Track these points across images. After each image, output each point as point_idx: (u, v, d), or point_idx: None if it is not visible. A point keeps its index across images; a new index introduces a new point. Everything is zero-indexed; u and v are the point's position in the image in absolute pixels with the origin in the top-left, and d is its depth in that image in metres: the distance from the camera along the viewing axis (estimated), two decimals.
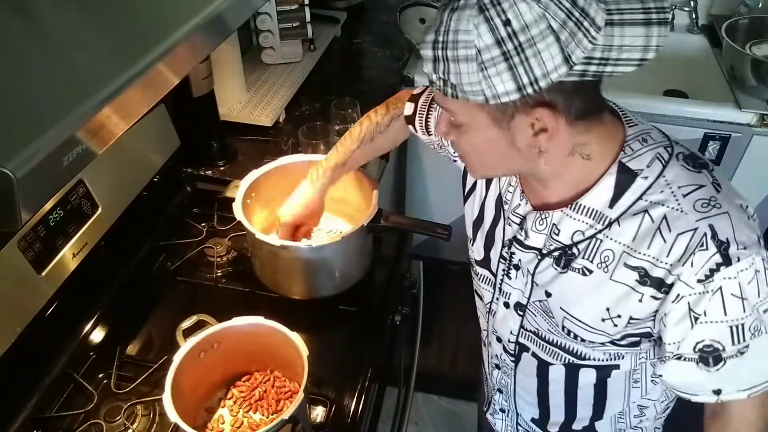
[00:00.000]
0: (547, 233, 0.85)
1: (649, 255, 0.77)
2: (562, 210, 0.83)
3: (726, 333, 0.75)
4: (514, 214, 0.90)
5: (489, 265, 0.99)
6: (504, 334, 1.01)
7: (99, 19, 0.71)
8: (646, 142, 0.80)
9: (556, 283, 0.86)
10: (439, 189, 2.23)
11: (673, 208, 0.76)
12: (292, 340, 0.94)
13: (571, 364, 0.94)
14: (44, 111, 0.54)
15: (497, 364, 1.09)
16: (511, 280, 0.94)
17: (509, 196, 0.92)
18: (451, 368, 2.23)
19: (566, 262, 0.84)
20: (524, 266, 0.90)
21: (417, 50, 1.97)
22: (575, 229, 0.82)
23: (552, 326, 0.91)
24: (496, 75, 0.66)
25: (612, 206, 0.79)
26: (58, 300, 1.05)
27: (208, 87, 1.41)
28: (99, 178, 1.14)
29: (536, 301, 0.91)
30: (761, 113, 1.73)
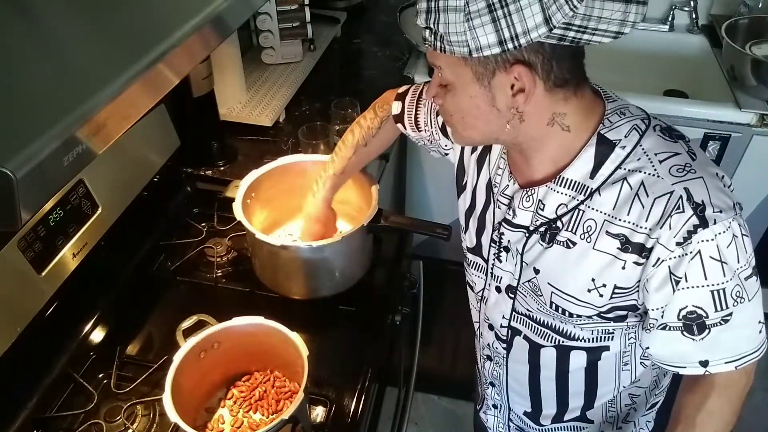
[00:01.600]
0: (534, 210, 0.87)
1: (629, 221, 0.79)
2: (547, 185, 0.84)
3: (708, 298, 0.77)
4: (503, 195, 0.92)
5: (481, 251, 1.00)
6: (496, 319, 1.01)
7: (99, 19, 0.71)
8: (624, 114, 0.83)
9: (543, 258, 0.88)
10: (439, 189, 2.23)
11: (649, 174, 0.78)
12: (292, 340, 0.94)
13: (561, 346, 0.95)
14: (44, 111, 0.54)
15: (489, 355, 1.09)
16: (502, 263, 0.95)
17: (498, 178, 0.93)
18: (451, 368, 2.23)
19: (551, 236, 0.86)
20: (513, 246, 0.92)
21: (417, 50, 1.98)
22: (559, 203, 0.84)
23: (541, 305, 0.92)
24: (480, 26, 0.70)
25: (593, 177, 0.81)
26: (58, 300, 1.05)
27: (208, 87, 1.41)
28: (99, 178, 1.14)
29: (526, 281, 0.92)
30: (761, 113, 1.73)
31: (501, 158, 0.93)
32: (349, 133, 1.18)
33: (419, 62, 1.98)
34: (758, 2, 2.01)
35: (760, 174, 1.81)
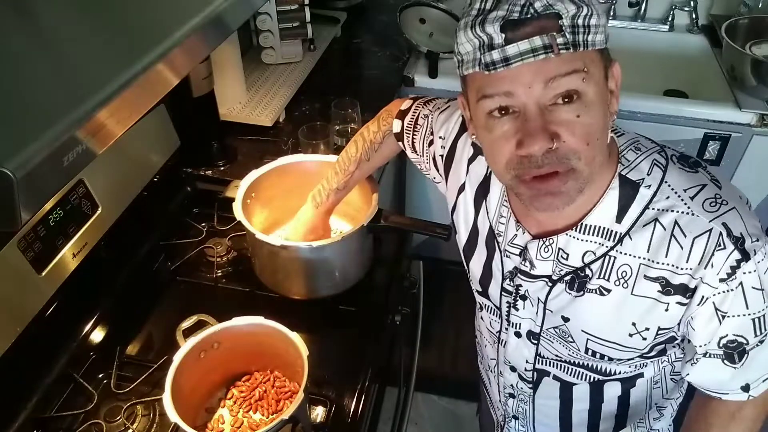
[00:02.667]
0: (554, 259, 0.82)
1: (668, 263, 0.76)
2: (567, 233, 0.80)
3: (749, 326, 0.76)
4: (513, 246, 0.87)
5: (490, 298, 0.96)
6: (519, 363, 0.98)
7: (99, 19, 0.71)
8: (640, 150, 0.79)
9: (573, 307, 0.84)
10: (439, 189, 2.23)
11: (683, 212, 0.75)
12: (292, 340, 0.94)
13: (595, 382, 0.93)
14: (44, 111, 0.54)
15: (512, 394, 1.04)
16: (519, 311, 0.91)
17: (501, 228, 0.88)
18: (451, 368, 2.23)
19: (580, 284, 0.82)
20: (533, 295, 0.87)
21: (417, 50, 1.97)
22: (585, 250, 0.80)
23: (572, 351, 0.88)
24: (604, 14, 0.67)
25: (620, 221, 0.77)
26: (58, 300, 1.05)
27: (208, 87, 1.41)
28: (99, 178, 1.14)
29: (551, 327, 0.88)
30: (761, 113, 1.73)
31: (503, 206, 0.88)
32: (352, 145, 1.15)
33: (419, 62, 1.98)
34: (758, 2, 2.01)
35: (760, 174, 1.81)
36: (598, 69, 0.69)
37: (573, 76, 0.66)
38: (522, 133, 0.68)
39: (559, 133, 0.67)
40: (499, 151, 0.72)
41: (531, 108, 0.68)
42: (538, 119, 0.67)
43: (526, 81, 0.66)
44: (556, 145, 0.68)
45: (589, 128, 0.68)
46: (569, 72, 0.66)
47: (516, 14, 0.65)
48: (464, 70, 0.72)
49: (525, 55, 0.65)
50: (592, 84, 0.68)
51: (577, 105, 0.67)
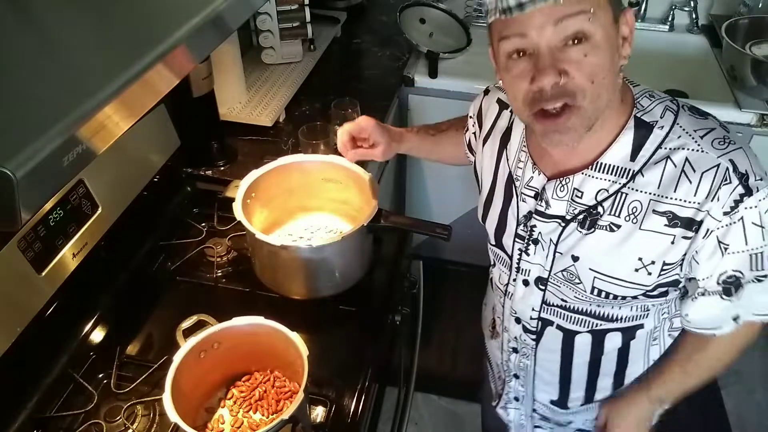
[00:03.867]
0: (569, 198, 0.87)
1: (677, 197, 0.80)
2: (583, 172, 0.85)
3: (746, 261, 0.81)
4: (528, 188, 0.92)
5: (503, 247, 1.00)
6: (524, 312, 1.01)
7: (99, 19, 0.71)
8: (653, 97, 0.85)
9: (582, 245, 0.88)
10: (439, 189, 2.23)
11: (693, 150, 0.80)
12: (292, 340, 0.94)
13: (597, 330, 0.96)
14: (44, 111, 0.54)
15: (515, 348, 1.08)
16: (530, 256, 0.95)
17: (519, 172, 0.94)
18: (451, 368, 2.23)
19: (591, 222, 0.86)
20: (545, 238, 0.92)
21: (417, 50, 1.98)
22: (599, 188, 0.84)
23: (578, 293, 0.92)
24: None
25: (633, 159, 0.82)
26: (58, 300, 1.05)
27: (208, 87, 1.41)
28: (99, 178, 1.14)
29: (560, 271, 0.92)
30: (761, 113, 1.73)
31: (521, 151, 0.94)
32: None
33: (419, 62, 1.98)
34: (758, 2, 2.01)
35: None
36: (606, 13, 0.74)
37: (580, 16, 0.73)
38: (534, 70, 0.76)
39: (567, 70, 0.75)
40: (516, 87, 0.80)
41: (542, 48, 0.75)
42: (549, 58, 0.75)
43: (538, 23, 0.74)
44: (564, 80, 0.75)
45: (595, 67, 0.75)
46: (576, 12, 0.73)
47: None
48: (488, 18, 0.80)
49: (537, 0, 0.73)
50: (598, 26, 0.74)
51: (584, 45, 0.74)
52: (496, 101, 1.04)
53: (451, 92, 1.93)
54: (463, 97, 1.93)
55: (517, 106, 0.83)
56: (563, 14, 0.73)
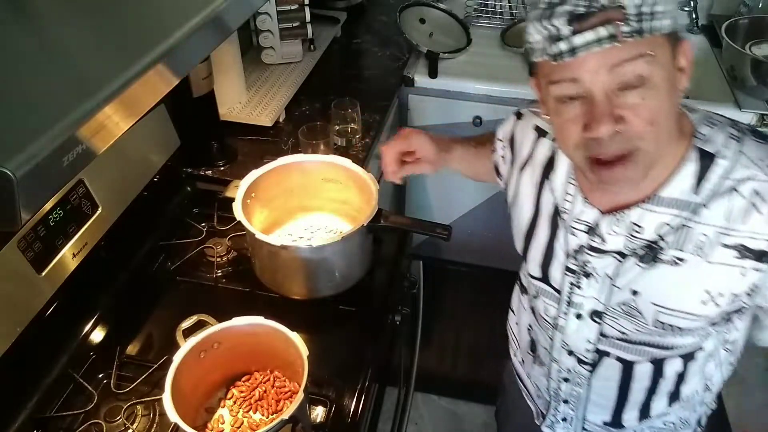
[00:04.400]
0: (627, 233, 0.83)
1: (747, 230, 0.77)
2: (641, 206, 0.81)
3: None
4: (579, 222, 0.88)
5: (550, 281, 0.96)
6: (578, 346, 0.96)
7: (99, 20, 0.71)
8: (714, 124, 0.81)
9: (643, 279, 0.84)
10: (439, 189, 2.23)
11: (762, 181, 0.77)
12: (292, 340, 0.94)
13: (657, 359, 0.93)
14: (44, 111, 0.54)
15: (566, 378, 1.03)
16: (583, 290, 0.91)
17: (568, 205, 0.89)
18: (451, 368, 2.23)
19: (653, 257, 0.83)
20: (600, 272, 0.88)
21: (417, 50, 1.98)
22: (660, 222, 0.81)
23: (639, 325, 0.88)
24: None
25: (697, 191, 0.79)
26: (58, 300, 1.05)
27: (208, 87, 1.41)
28: (99, 178, 1.14)
29: (618, 304, 0.88)
30: (761, 113, 1.73)
31: (569, 184, 0.90)
32: None
33: (419, 62, 1.98)
34: (758, 2, 2.01)
35: None
36: (665, 51, 0.70)
37: (638, 60, 0.68)
38: (588, 117, 0.72)
39: (624, 117, 0.70)
40: (567, 133, 0.76)
41: (597, 93, 0.71)
42: (604, 103, 0.70)
43: (592, 68, 0.69)
44: (621, 127, 0.71)
45: (655, 110, 0.71)
46: (634, 57, 0.68)
47: (582, 8, 0.68)
48: (534, 57, 0.76)
49: (590, 44, 0.68)
50: (657, 67, 0.69)
51: (642, 89, 0.70)
52: (533, 128, 0.98)
53: (451, 92, 1.93)
54: (463, 97, 1.93)
55: (567, 151, 0.80)
56: (620, 59, 0.68)
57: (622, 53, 0.68)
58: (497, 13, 2.16)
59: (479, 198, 2.20)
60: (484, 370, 2.22)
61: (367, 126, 1.64)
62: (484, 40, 2.08)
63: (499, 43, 2.07)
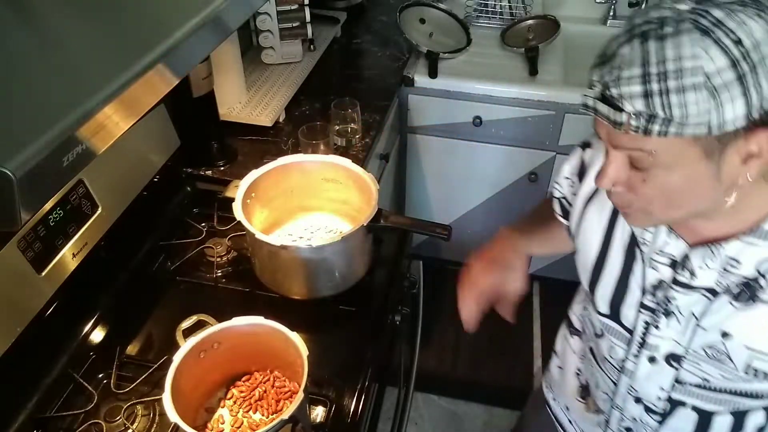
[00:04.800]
0: (720, 268, 0.77)
1: None
2: (740, 239, 0.75)
3: None
4: (662, 254, 0.81)
5: (621, 319, 0.89)
6: (649, 393, 0.89)
7: (99, 19, 0.71)
8: None
9: (737, 320, 0.77)
10: (439, 189, 2.23)
11: None
12: (292, 340, 0.94)
13: (740, 411, 0.86)
14: (44, 111, 0.54)
15: (629, 428, 0.96)
16: (661, 330, 0.84)
17: (648, 236, 0.83)
18: (451, 368, 2.23)
19: (750, 295, 0.76)
20: (684, 310, 0.81)
21: (417, 50, 1.98)
22: (763, 257, 0.74)
23: (726, 371, 0.81)
24: (729, 101, 0.60)
25: None
26: (58, 300, 1.05)
27: (208, 87, 1.41)
28: (99, 178, 1.14)
29: (702, 347, 0.81)
30: None
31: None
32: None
33: (419, 62, 1.98)
34: None
35: None
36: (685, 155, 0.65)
37: (637, 153, 0.67)
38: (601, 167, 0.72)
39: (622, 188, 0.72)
40: None
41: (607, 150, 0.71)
42: (611, 166, 0.71)
43: (603, 133, 0.70)
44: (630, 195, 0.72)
45: (660, 191, 0.69)
46: (633, 148, 0.67)
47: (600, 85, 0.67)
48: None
49: (602, 115, 0.67)
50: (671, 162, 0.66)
51: (643, 173, 0.68)
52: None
53: (451, 92, 1.94)
54: (463, 97, 1.93)
55: None
56: (619, 143, 0.68)
57: (622, 139, 0.67)
58: (497, 13, 2.16)
59: (479, 198, 2.20)
60: (484, 370, 2.22)
61: (367, 126, 1.64)
62: (484, 40, 2.08)
63: (499, 43, 2.07)
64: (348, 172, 1.25)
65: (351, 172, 1.24)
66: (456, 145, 2.06)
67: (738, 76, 0.60)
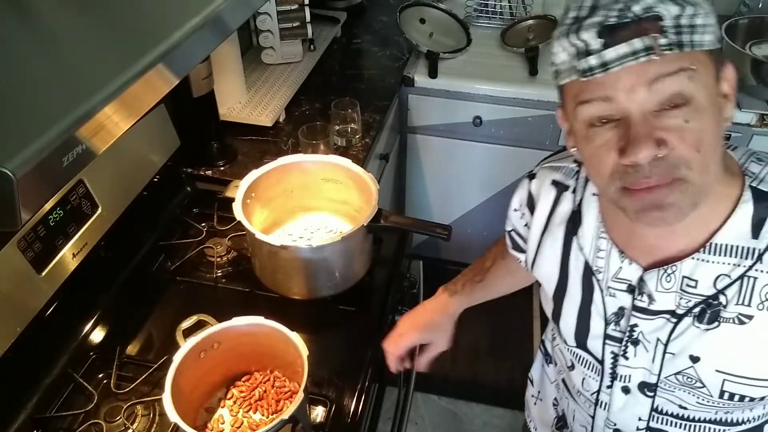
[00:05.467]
0: (678, 289, 0.73)
1: None
2: (694, 257, 0.71)
3: None
4: (617, 281, 0.78)
5: (590, 351, 0.85)
6: (628, 425, 0.86)
7: (99, 20, 0.71)
8: (762, 161, 0.73)
9: (703, 343, 0.74)
10: (439, 189, 2.23)
11: None
12: (292, 340, 0.94)
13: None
14: (44, 111, 0.54)
15: None
16: (629, 360, 0.80)
17: (601, 262, 0.79)
18: (451, 368, 2.23)
19: (712, 315, 0.72)
20: (649, 337, 0.78)
21: (417, 50, 1.98)
22: (718, 274, 0.71)
23: (702, 398, 0.78)
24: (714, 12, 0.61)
25: (756, 236, 0.69)
26: (58, 300, 1.05)
27: (208, 87, 1.41)
28: (99, 178, 1.14)
29: (674, 374, 0.78)
30: (761, 113, 1.73)
31: (600, 238, 0.79)
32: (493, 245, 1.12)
33: (419, 62, 1.98)
34: (758, 2, 2.01)
35: None
36: (708, 70, 0.63)
37: (680, 74, 0.60)
38: (625, 141, 0.63)
39: (667, 140, 0.62)
40: (601, 161, 0.66)
41: (634, 113, 0.62)
42: (643, 125, 0.62)
43: (627, 85, 0.61)
44: (664, 152, 0.62)
45: (700, 134, 0.62)
46: (675, 71, 0.60)
47: (614, 19, 0.61)
48: (561, 79, 0.68)
49: (625, 58, 0.60)
50: (701, 86, 0.62)
51: (686, 109, 0.61)
52: (550, 183, 0.87)
53: (451, 92, 1.94)
54: (463, 97, 1.93)
55: (600, 182, 0.69)
56: (659, 73, 0.60)
57: (660, 67, 0.60)
58: (497, 13, 2.16)
59: (479, 198, 2.20)
60: (484, 370, 2.22)
61: (367, 126, 1.64)
62: (484, 40, 2.08)
63: (499, 43, 2.07)
64: (348, 172, 1.25)
65: (351, 172, 1.24)
66: (456, 145, 2.06)
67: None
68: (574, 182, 0.85)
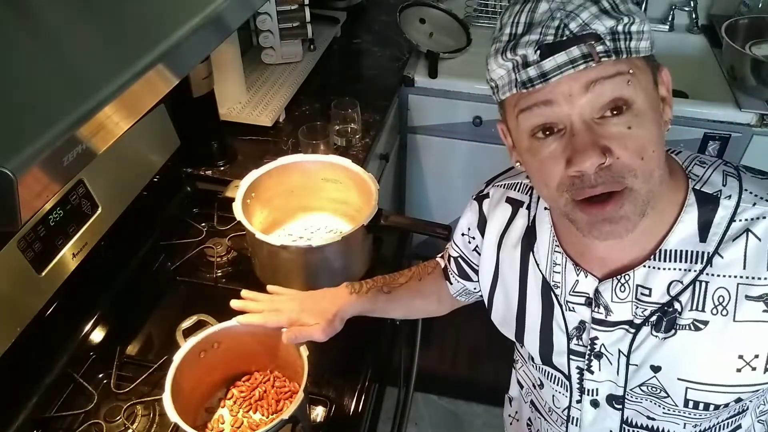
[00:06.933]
0: (633, 299, 0.73)
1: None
2: (645, 264, 0.71)
3: None
4: (575, 295, 0.77)
5: (555, 366, 0.85)
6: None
7: (99, 19, 0.71)
8: (705, 163, 0.73)
9: (662, 352, 0.73)
10: (439, 189, 2.23)
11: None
12: None
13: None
14: (44, 111, 0.54)
15: None
16: (595, 374, 0.80)
17: (557, 277, 0.79)
18: (451, 368, 2.23)
19: (669, 323, 0.72)
20: (611, 349, 0.77)
21: (417, 50, 1.98)
22: (670, 281, 0.71)
23: (667, 408, 0.77)
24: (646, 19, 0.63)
25: (704, 239, 0.69)
26: (58, 300, 1.05)
27: (208, 87, 1.41)
28: (99, 178, 1.14)
29: (639, 385, 0.78)
30: (761, 113, 1.73)
31: (555, 252, 0.79)
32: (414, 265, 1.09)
33: (419, 62, 1.98)
34: (758, 2, 2.01)
35: None
36: (646, 75, 0.64)
37: (617, 78, 0.61)
38: (570, 150, 0.63)
39: (611, 148, 0.61)
40: (547, 173, 0.66)
41: (576, 121, 0.62)
42: (587, 133, 0.62)
43: (566, 90, 0.62)
44: (609, 160, 0.62)
45: (643, 140, 0.63)
46: (612, 75, 0.61)
47: (550, 37, 0.61)
48: (500, 95, 0.68)
49: (564, 67, 0.61)
50: (640, 91, 0.62)
51: (627, 116, 0.62)
52: (505, 201, 0.87)
53: (451, 92, 1.93)
54: (463, 97, 1.93)
55: (549, 194, 0.68)
56: (597, 76, 0.61)
57: (598, 72, 0.61)
58: (497, 13, 2.16)
59: None
60: (484, 370, 2.22)
61: (367, 126, 1.64)
62: (484, 40, 2.06)
63: None
64: (348, 172, 1.25)
65: (351, 172, 1.25)
66: (456, 145, 2.06)
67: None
68: (528, 198, 0.84)
